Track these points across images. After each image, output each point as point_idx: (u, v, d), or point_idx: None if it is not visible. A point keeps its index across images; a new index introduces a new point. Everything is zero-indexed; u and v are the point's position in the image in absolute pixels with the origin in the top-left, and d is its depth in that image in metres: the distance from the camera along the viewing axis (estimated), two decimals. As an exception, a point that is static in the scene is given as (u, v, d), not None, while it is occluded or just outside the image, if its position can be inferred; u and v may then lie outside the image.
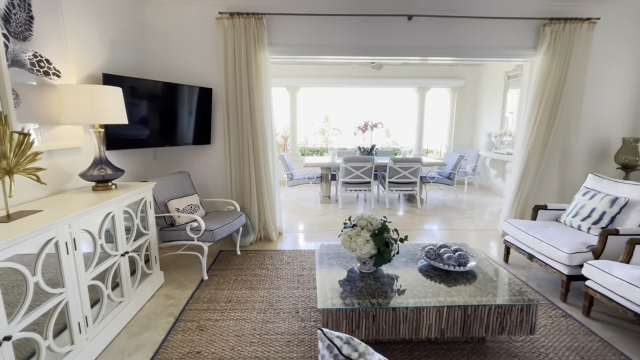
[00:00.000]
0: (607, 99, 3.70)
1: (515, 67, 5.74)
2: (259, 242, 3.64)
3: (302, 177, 5.52)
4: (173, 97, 3.17)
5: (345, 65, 6.84)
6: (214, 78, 3.48)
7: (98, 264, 1.90)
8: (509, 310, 1.75)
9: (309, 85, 7.00)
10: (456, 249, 2.21)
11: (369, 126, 5.60)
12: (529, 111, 3.59)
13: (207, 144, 3.55)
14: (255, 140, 3.47)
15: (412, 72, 6.97)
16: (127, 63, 3.03)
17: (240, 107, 3.41)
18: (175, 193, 3.02)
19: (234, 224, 2.98)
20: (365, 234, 1.96)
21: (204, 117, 3.46)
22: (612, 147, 3.81)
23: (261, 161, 3.51)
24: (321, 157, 7.39)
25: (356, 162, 4.99)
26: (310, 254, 3.30)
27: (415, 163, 5.05)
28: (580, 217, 2.75)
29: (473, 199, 5.93)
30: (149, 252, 2.54)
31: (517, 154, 3.76)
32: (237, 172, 3.56)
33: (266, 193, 3.59)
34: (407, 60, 3.73)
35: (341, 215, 4.77)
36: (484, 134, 6.65)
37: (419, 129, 7.34)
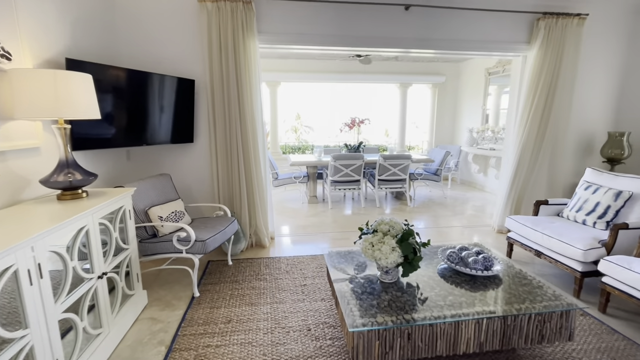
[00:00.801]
0: (593, 94, 3.79)
1: (496, 64, 5.83)
2: (251, 249, 3.33)
3: (287, 176, 5.24)
4: (149, 88, 2.78)
5: (328, 61, 6.62)
6: (196, 68, 3.11)
7: (70, 292, 1.53)
8: (549, 318, 1.63)
9: (290, 81, 6.70)
10: (478, 250, 2.08)
11: (356, 122, 5.43)
12: (522, 106, 3.57)
13: (190, 143, 3.18)
14: (244, 137, 3.15)
15: (394, 68, 6.90)
16: (93, 49, 2.59)
17: (228, 101, 3.08)
18: (157, 199, 2.65)
19: (227, 232, 2.66)
20: (390, 240, 1.75)
21: (186, 112, 3.09)
22: (597, 141, 3.92)
23: (252, 161, 3.20)
24: (303, 155, 7.13)
25: (345, 159, 4.80)
26: (309, 259, 3.05)
27: (404, 160, 4.94)
28: (585, 211, 2.74)
29: (458, 194, 5.96)
30: (130, 269, 2.17)
31: (511, 149, 3.74)
32: (225, 173, 3.22)
33: (257, 195, 3.28)
34: (404, 53, 3.57)
35: (331, 215, 4.56)
36: (465, 130, 6.73)
37: (402, 125, 7.30)
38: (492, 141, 5.90)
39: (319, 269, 2.86)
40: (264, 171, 3.37)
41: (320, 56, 6.33)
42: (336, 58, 6.34)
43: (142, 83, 2.73)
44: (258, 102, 3.20)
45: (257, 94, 3.19)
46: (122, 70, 2.58)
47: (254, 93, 3.14)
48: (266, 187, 3.41)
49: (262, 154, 3.31)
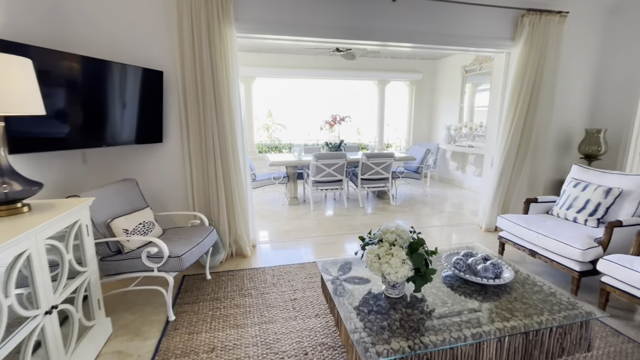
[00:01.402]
0: (571, 91, 3.85)
1: (473, 61, 5.87)
2: (231, 260, 3.03)
3: (266, 177, 4.94)
4: (108, 79, 2.39)
5: (305, 56, 6.36)
6: (165, 58, 2.74)
7: (4, 340, 1.19)
8: (569, 329, 1.52)
9: (265, 76, 6.36)
10: (485, 256, 1.95)
11: (337, 120, 5.24)
12: (508, 104, 3.54)
13: (158, 143, 2.81)
14: (222, 136, 2.83)
15: (372, 65, 6.78)
16: (37, 30, 2.17)
17: (202, 96, 2.75)
18: (121, 209, 2.28)
19: (205, 244, 2.35)
20: (400, 251, 1.56)
21: (153, 108, 2.71)
22: (575, 138, 4.00)
23: (230, 162, 2.89)
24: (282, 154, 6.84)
25: (327, 159, 4.59)
26: (297, 269, 2.81)
27: (387, 158, 4.82)
28: (575, 209, 2.72)
29: (437, 192, 5.96)
30: (89, 295, 1.82)
31: (496, 147, 3.72)
32: (200, 176, 2.89)
33: (237, 201, 2.98)
34: (389, 47, 3.40)
35: (314, 217, 4.34)
36: (443, 128, 6.77)
37: (380, 123, 7.22)
38: (470, 138, 5.96)
39: (308, 279, 2.63)
40: (244, 174, 3.07)
41: (297, 50, 6.07)
42: (314, 53, 6.10)
43: (100, 73, 2.33)
44: (236, 97, 2.90)
45: (235, 88, 2.88)
46: (75, 57, 2.18)
47: (232, 87, 2.84)
48: (247, 191, 3.11)
49: (241, 154, 3.01)
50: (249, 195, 3.18)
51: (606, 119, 3.86)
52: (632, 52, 3.59)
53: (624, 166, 3.76)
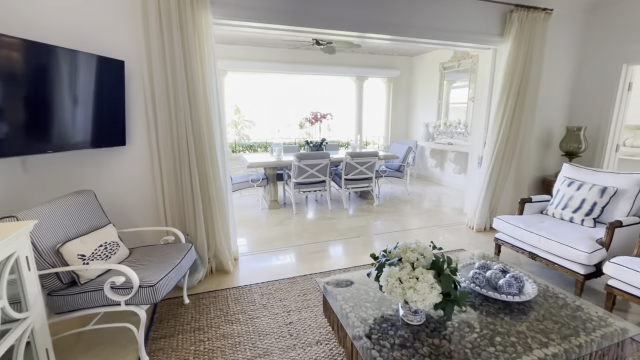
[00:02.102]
0: (552, 89, 3.88)
1: (451, 58, 5.85)
2: (211, 278, 2.67)
3: (243, 179, 4.57)
4: (53, 69, 1.94)
5: (280, 49, 6.01)
6: (126, 46, 2.31)
7: None
8: (607, 350, 1.39)
9: (238, 70, 5.93)
10: (503, 268, 1.79)
11: (319, 118, 4.97)
12: (497, 101, 3.47)
13: (120, 146, 2.38)
14: (198, 137, 2.47)
15: (349, 60, 6.57)
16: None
17: (174, 91, 2.36)
18: (75, 229, 1.86)
19: (182, 266, 2.00)
20: (426, 274, 1.33)
21: (113, 105, 2.28)
22: (555, 135, 4.06)
23: (208, 166, 2.53)
24: (258, 154, 6.45)
25: (310, 159, 4.31)
26: (287, 284, 2.52)
27: (372, 157, 4.65)
28: (571, 208, 2.68)
29: (418, 189, 5.91)
30: (33, 344, 1.42)
31: (484, 144, 3.65)
32: (173, 184, 2.50)
33: (217, 210, 2.63)
34: (372, 38, 3.18)
35: (298, 222, 4.05)
36: (421, 125, 6.74)
37: (358, 120, 7.04)
38: (448, 136, 5.95)
39: (302, 297, 2.36)
40: (224, 179, 2.72)
41: (273, 43, 5.70)
42: (290, 47, 5.76)
43: (44, 61, 1.88)
44: (213, 92, 2.54)
45: (212, 82, 2.52)
46: (11, 41, 1.72)
47: (209, 81, 2.47)
48: (227, 198, 2.76)
49: (220, 157, 2.65)
50: (230, 203, 2.84)
51: (584, 116, 3.94)
52: (608, 51, 3.67)
53: (601, 163, 3.86)
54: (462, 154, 5.68)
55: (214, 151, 2.56)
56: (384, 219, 4.17)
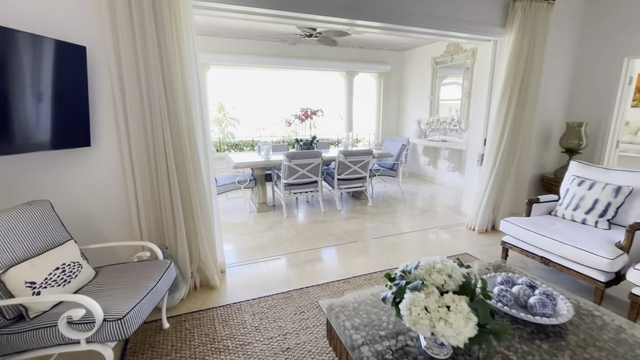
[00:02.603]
0: (551, 83, 3.74)
1: (444, 53, 5.68)
2: (195, 295, 2.37)
3: (229, 180, 4.25)
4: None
5: (267, 42, 5.68)
6: (88, 28, 1.97)
7: None
8: (664, 382, 1.19)
9: (221, 64, 5.56)
10: (530, 283, 1.58)
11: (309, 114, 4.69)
12: (500, 96, 3.30)
13: (84, 147, 2.04)
14: (177, 136, 2.15)
15: (339, 54, 6.31)
16: None
17: (148, 83, 2.04)
18: (23, 249, 1.53)
19: (159, 289, 1.69)
20: (459, 303, 1.10)
21: (74, 99, 1.94)
22: (554, 131, 3.93)
23: (189, 168, 2.22)
24: (244, 153, 6.13)
25: (301, 158, 4.04)
26: (281, 301, 2.25)
27: (366, 156, 4.41)
28: (583, 209, 2.53)
29: (411, 188, 5.74)
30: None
31: (490, 143, 3.46)
32: (149, 189, 2.18)
33: (200, 217, 2.32)
34: (362, 26, 2.90)
35: (290, 226, 3.78)
36: (412, 121, 6.57)
37: (348, 117, 6.80)
38: (442, 132, 5.80)
39: (299, 315, 2.10)
40: (208, 182, 2.42)
41: (259, 35, 5.36)
42: (278, 39, 5.44)
43: (-24, 45, 1.53)
44: (194, 86, 2.22)
45: (193, 74, 2.21)
46: None
47: (189, 74, 2.16)
48: (212, 204, 2.46)
49: (203, 158, 2.35)
50: (215, 209, 2.54)
51: (584, 112, 3.83)
52: (609, 44, 3.55)
53: (601, 160, 3.76)
54: (456, 151, 5.54)
55: (196, 152, 2.25)
56: (380, 221, 3.95)
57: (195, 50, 2.21)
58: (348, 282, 2.51)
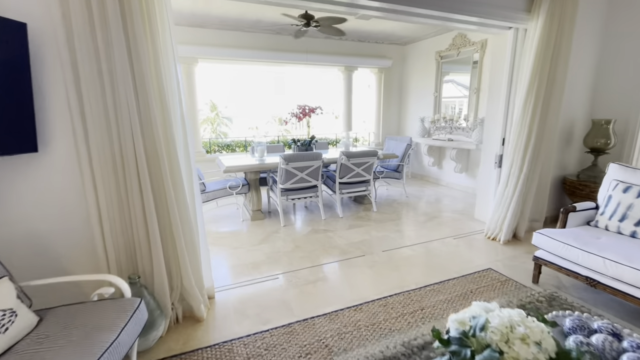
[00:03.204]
0: (575, 76, 3.40)
1: (449, 46, 5.32)
2: (177, 330, 1.95)
3: (220, 186, 3.82)
4: None
5: (260, 34, 5.24)
6: (30, 2, 1.54)
7: None
8: None
9: (209, 57, 5.10)
10: (612, 329, 1.21)
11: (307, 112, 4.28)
12: (525, 91, 2.93)
13: (30, 152, 1.60)
14: (151, 139, 1.73)
15: (337, 48, 5.90)
16: None
17: (112, 76, 1.62)
18: None
19: (123, 342, 1.27)
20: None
21: (13, 92, 1.50)
22: (577, 129, 3.60)
23: (166, 178, 1.80)
24: (236, 154, 5.70)
25: (300, 161, 3.63)
26: (283, 337, 1.85)
27: (370, 157, 4.03)
28: (632, 220, 2.18)
29: (416, 191, 5.38)
30: None
31: (514, 142, 3.09)
32: (116, 204, 1.76)
33: (182, 236, 1.91)
34: (361, 8, 2.50)
35: (287, 236, 3.38)
36: (414, 119, 6.21)
37: (347, 115, 6.41)
38: (447, 131, 5.44)
39: (305, 359, 1.70)
40: (191, 194, 2.00)
41: (250, 27, 4.93)
42: (270, 31, 5.01)
43: None
44: (172, 78, 1.81)
45: (171, 67, 1.79)
46: None
47: (166, 67, 1.75)
48: (196, 219, 2.05)
49: (185, 166, 1.93)
50: (200, 224, 2.12)
51: (610, 108, 3.49)
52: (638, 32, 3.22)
53: (630, 160, 3.42)
54: (464, 151, 5.20)
55: (175, 159, 1.83)
56: (387, 229, 3.57)
57: (174, 40, 1.81)
58: (360, 309, 2.12)
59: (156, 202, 1.82)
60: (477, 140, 4.68)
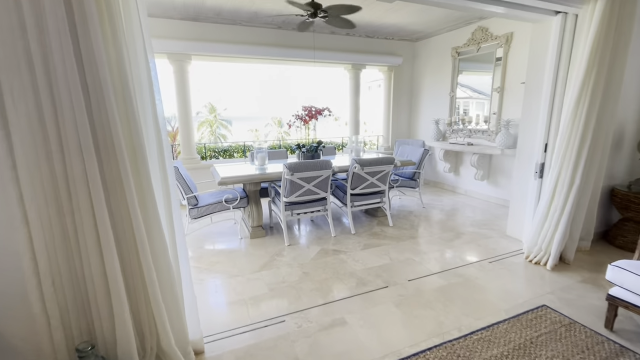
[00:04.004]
0: (628, 70, 2.91)
1: (468, 41, 4.84)
2: (150, 409, 1.45)
3: (214, 199, 3.32)
4: None
5: (260, 29, 4.76)
6: None
7: None
8: None
9: (204, 54, 4.61)
10: None
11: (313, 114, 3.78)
12: (579, 88, 2.44)
13: None
14: (109, 153, 1.24)
15: (343, 45, 5.42)
16: None
17: (47, 66, 1.12)
18: None
19: None
20: None
21: None
22: (628, 133, 3.11)
23: (131, 196, 1.30)
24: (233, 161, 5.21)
25: (307, 170, 3.14)
26: None
27: (386, 166, 3.54)
28: None
29: (433, 200, 4.89)
30: None
31: (560, 149, 2.61)
32: (58, 238, 1.26)
33: (155, 278, 1.41)
34: None
35: (293, 259, 2.88)
36: (428, 121, 5.73)
37: (354, 117, 5.92)
38: (466, 134, 4.96)
39: None
40: (169, 217, 1.50)
41: (249, 20, 4.45)
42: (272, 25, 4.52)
43: None
44: (143, 81, 1.32)
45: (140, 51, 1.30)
46: None
47: (132, 61, 1.27)
48: (177, 252, 1.55)
49: (160, 178, 1.44)
50: (183, 258, 1.62)
51: (668, 108, 3.01)
52: None
53: (694, 169, 2.93)
54: (486, 157, 4.71)
55: (145, 171, 1.33)
56: (409, 250, 3.07)
57: (145, 29, 1.33)
58: (394, 372, 1.62)
59: (117, 234, 1.32)
60: (502, 145, 4.19)
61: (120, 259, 1.33)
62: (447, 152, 5.23)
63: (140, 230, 1.33)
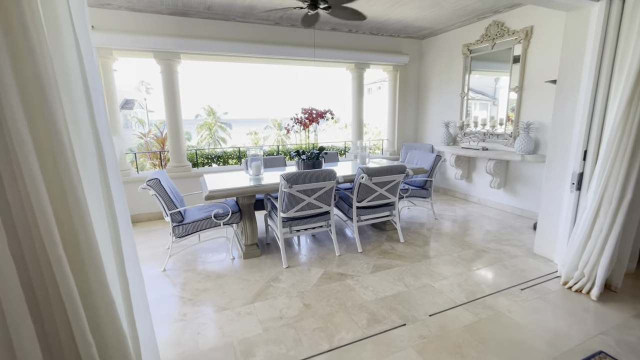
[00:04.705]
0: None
1: (481, 37, 4.46)
2: None
3: (203, 214, 2.92)
4: None
5: (257, 25, 4.38)
6: None
7: None
8: None
9: (194, 52, 4.22)
10: None
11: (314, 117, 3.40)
12: (631, 86, 2.04)
13: None
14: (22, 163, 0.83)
15: (345, 43, 5.04)
16: None
17: None
18: None
19: None
20: None
21: None
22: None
23: (53, 245, 0.90)
24: (227, 168, 4.81)
25: (307, 182, 2.74)
26: None
27: (397, 175, 3.14)
28: None
29: (444, 209, 4.49)
30: None
31: (603, 155, 2.22)
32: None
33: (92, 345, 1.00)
34: None
35: (292, 287, 2.47)
36: (437, 125, 5.34)
37: (357, 120, 5.53)
38: (479, 138, 4.56)
39: None
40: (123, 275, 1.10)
41: (242, 15, 4.06)
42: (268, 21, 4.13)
43: None
44: (77, 79, 0.92)
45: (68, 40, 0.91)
46: None
47: (57, 54, 0.87)
48: (131, 300, 1.15)
49: (104, 193, 1.03)
50: (140, 307, 1.22)
51: None
52: None
53: None
54: (502, 163, 4.32)
55: (81, 206, 0.93)
56: (426, 273, 2.67)
57: (76, 18, 0.93)
58: None
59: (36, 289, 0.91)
60: (522, 150, 3.80)
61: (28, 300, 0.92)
62: (458, 157, 4.84)
63: (72, 300, 0.93)
